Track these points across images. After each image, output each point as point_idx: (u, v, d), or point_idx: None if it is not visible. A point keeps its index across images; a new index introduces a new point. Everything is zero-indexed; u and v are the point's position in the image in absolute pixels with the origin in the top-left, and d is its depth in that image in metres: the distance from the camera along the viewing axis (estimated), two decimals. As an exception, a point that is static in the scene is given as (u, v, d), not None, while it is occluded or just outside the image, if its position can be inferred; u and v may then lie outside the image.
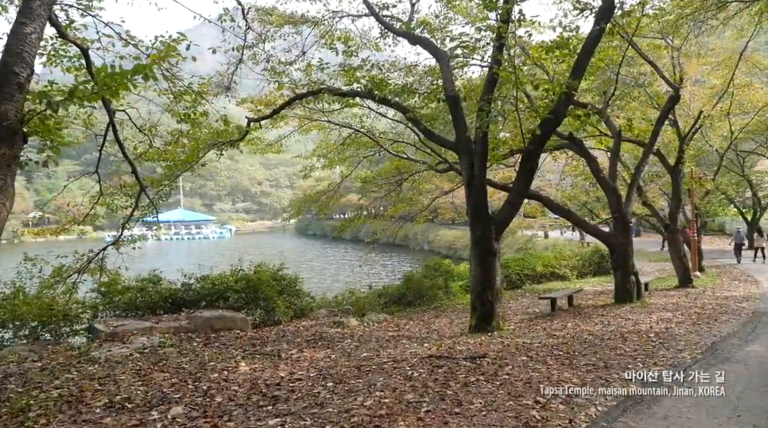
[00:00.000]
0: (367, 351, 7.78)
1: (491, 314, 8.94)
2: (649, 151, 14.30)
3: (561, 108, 8.90)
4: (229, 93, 11.41)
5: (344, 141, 17.14)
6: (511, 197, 9.23)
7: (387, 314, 13.30)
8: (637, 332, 9.24)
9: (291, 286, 11.90)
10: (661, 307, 12.74)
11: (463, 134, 9.32)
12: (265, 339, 8.87)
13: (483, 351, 7.51)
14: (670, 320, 10.72)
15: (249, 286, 10.63)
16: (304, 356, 7.47)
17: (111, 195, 11.29)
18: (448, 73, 9.69)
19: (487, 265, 8.99)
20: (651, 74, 15.13)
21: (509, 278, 19.32)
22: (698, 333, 9.21)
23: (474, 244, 9.14)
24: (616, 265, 13.46)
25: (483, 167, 9.09)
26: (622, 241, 13.28)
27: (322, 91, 9.86)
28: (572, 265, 22.18)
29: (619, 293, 13.34)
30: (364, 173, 20.14)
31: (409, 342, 8.48)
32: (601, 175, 13.38)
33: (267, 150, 16.97)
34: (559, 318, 11.55)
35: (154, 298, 10.06)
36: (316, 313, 11.80)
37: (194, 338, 8.73)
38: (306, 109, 15.94)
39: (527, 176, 9.13)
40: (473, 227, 9.13)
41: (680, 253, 17.00)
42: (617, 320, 10.95)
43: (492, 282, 8.95)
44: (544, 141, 9.23)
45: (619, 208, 13.35)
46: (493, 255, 9.00)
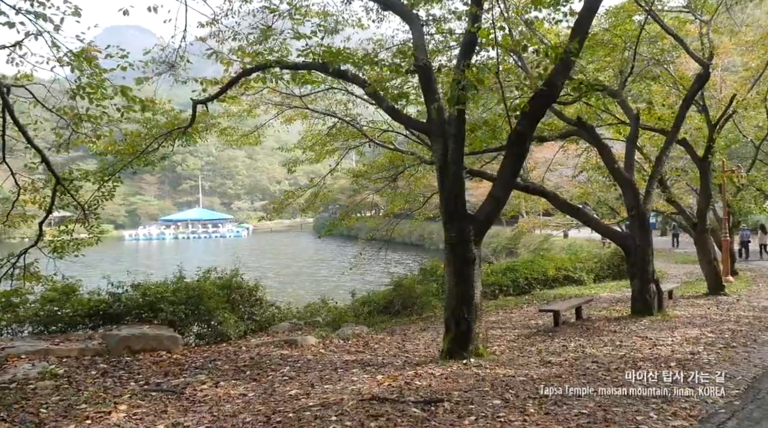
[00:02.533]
0: (299, 386, 6.07)
1: (468, 336, 7.14)
2: (672, 138, 12.30)
3: (558, 78, 7.07)
4: (174, 72, 9.74)
5: (329, 131, 15.48)
6: (494, 189, 7.42)
7: (366, 327, 11.58)
8: (654, 359, 7.35)
9: (249, 295, 10.24)
10: (686, 321, 10.78)
11: (437, 115, 7.56)
12: (187, 365, 7.22)
13: (446, 390, 5.73)
14: (698, 340, 8.78)
15: (190, 297, 9.00)
16: (214, 394, 5.79)
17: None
18: (421, 39, 7.91)
19: (463, 275, 7.19)
20: (675, 50, 13.11)
21: (516, 282, 17.41)
22: (733, 361, 7.29)
23: (448, 249, 7.35)
24: (633, 271, 11.51)
25: (459, 153, 7.30)
26: (640, 243, 11.33)
27: (271, 64, 8.15)
28: (589, 268, 20.16)
29: (637, 304, 11.40)
30: (357, 167, 18.45)
31: (360, 372, 6.74)
32: (616, 166, 11.44)
33: (244, 141, 15.39)
34: (561, 335, 9.68)
35: (69, 312, 8.47)
36: (276, 327, 10.14)
37: (99, 363, 7.12)
38: (282, 95, 14.32)
39: (515, 163, 7.31)
40: (447, 227, 7.35)
41: (710, 256, 14.93)
42: (631, 339, 9.05)
43: (469, 296, 7.15)
44: (536, 119, 7.39)
45: (637, 204, 11.40)
46: (470, 263, 7.19)
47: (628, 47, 12.49)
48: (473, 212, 7.75)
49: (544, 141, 12.78)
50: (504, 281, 17.20)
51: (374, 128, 15.43)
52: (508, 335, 10.23)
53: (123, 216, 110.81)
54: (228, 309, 9.71)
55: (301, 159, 16.54)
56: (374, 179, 17.06)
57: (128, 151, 9.84)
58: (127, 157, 10.10)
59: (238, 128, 15.01)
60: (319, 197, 16.75)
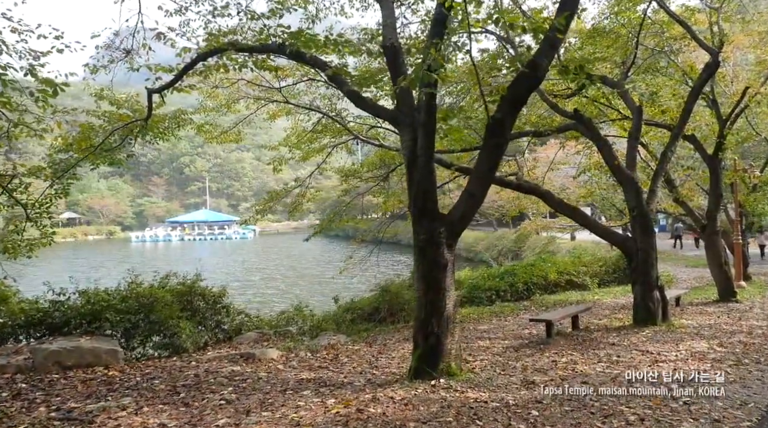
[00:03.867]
0: (233, 414, 5.19)
1: (437, 352, 6.24)
2: (679, 132, 11.34)
3: (542, 58, 6.18)
4: (129, 60, 8.92)
5: (314, 127, 14.62)
6: (470, 185, 6.53)
7: (345, 336, 10.72)
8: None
9: (214, 303, 9.40)
10: (693, 332, 9.81)
11: (405, 101, 6.69)
12: (119, 385, 6.38)
13: (401, 420, 4.85)
14: (704, 355, 7.83)
15: (141, 305, 8.17)
16: (129, 424, 4.93)
17: None
18: (391, 17, 7.05)
19: (433, 282, 6.30)
20: (682, 38, 12.13)
21: (515, 287, 16.44)
22: (745, 382, 6.35)
23: (417, 251, 6.47)
24: (635, 276, 10.56)
25: (429, 143, 6.41)
26: (642, 246, 10.38)
27: (227, 47, 7.32)
28: (593, 272, 19.12)
29: (639, 312, 10.44)
30: (348, 166, 17.55)
31: (312, 395, 5.85)
32: (616, 163, 10.49)
33: (225, 138, 14.56)
34: (553, 348, 8.75)
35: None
36: (241, 338, 9.29)
37: (18, 382, 6.29)
38: (260, 88, 13.49)
39: (492, 155, 6.40)
40: (416, 227, 6.47)
41: (720, 260, 13.91)
42: (630, 353, 8.11)
43: (440, 307, 6.25)
44: (518, 105, 6.48)
45: (639, 204, 10.46)
46: (442, 268, 6.30)
47: (632, 37, 11.58)
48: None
49: (539, 136, 11.86)
50: (501, 286, 16.26)
51: (362, 124, 14.59)
52: (495, 346, 9.32)
53: (130, 218, 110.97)
54: (189, 318, 8.89)
55: (287, 157, 15.68)
56: (365, 178, 16.20)
57: (81, 146, 9.01)
58: (82, 152, 9.29)
59: (219, 124, 14.22)
60: (307, 197, 15.90)
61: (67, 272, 8.21)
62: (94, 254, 60.34)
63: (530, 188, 10.89)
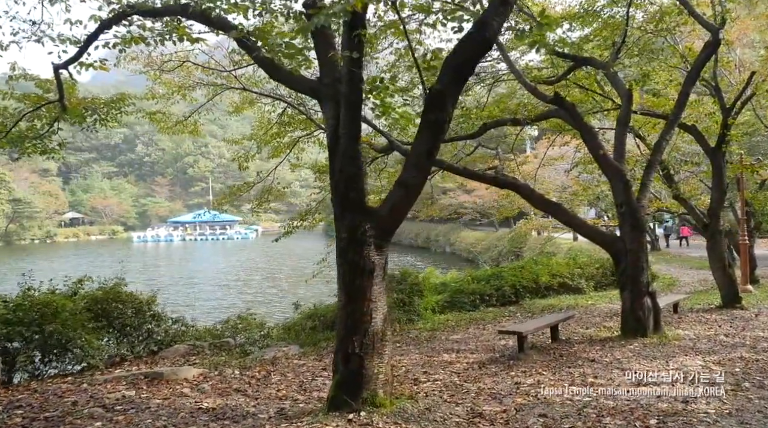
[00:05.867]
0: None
1: (360, 378, 5.03)
2: (675, 118, 10.08)
3: (493, 16, 4.99)
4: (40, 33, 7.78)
5: (279, 118, 13.49)
6: (404, 172, 5.33)
7: (298, 347, 9.58)
8: (628, 410, 5.20)
9: (137, 312, 8.25)
10: (688, 345, 8.56)
11: (328, 69, 5.51)
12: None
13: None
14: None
15: (41, 315, 7.03)
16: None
17: None
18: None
19: (355, 292, 5.11)
20: (679, 14, 10.85)
21: (501, 291, 15.18)
22: (742, 417, 5.11)
23: (337, 253, 5.28)
24: (623, 281, 9.31)
25: (353, 120, 5.21)
26: (631, 246, 9.14)
27: (128, 12, 6.19)
28: (589, 274, 17.81)
29: (628, 322, 9.19)
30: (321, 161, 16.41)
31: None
32: (601, 152, 9.25)
33: (182, 130, 13.42)
34: (523, 366, 7.54)
35: None
36: (166, 352, 8.15)
37: None
38: (220, 76, 12.35)
39: (431, 135, 5.21)
40: (337, 224, 5.29)
41: (723, 262, 12.59)
42: (610, 373, 6.89)
43: (363, 322, 5.06)
44: (463, 74, 5.28)
45: (628, 199, 9.22)
46: (366, 274, 5.10)
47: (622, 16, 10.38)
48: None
49: (518, 125, 10.63)
50: (487, 290, 15.01)
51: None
52: (460, 362, 8.13)
53: (133, 218, 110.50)
54: (107, 330, 7.75)
55: (252, 153, 14.55)
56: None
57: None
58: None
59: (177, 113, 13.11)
60: (273, 193, 14.79)
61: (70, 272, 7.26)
62: (88, 255, 59.53)
63: (506, 183, 9.67)
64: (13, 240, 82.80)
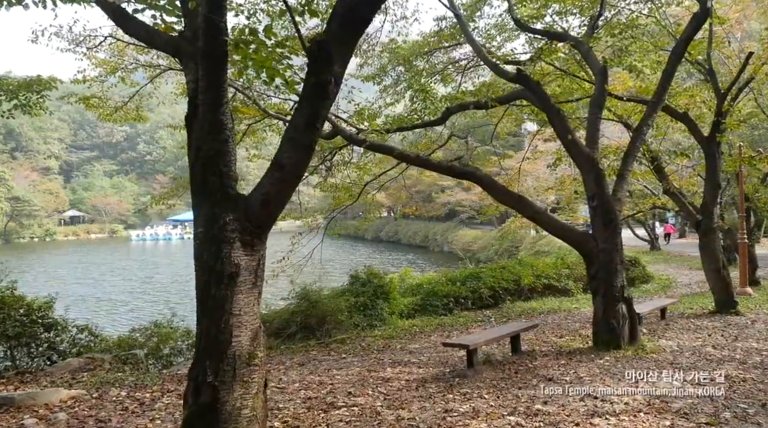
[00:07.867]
0: None
1: (215, 415, 3.89)
2: (658, 100, 8.86)
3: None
4: None
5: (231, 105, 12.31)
6: (280, 150, 4.18)
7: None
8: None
9: (30, 318, 7.14)
10: (667, 360, 7.37)
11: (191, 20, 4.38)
12: None
13: None
14: (669, 404, 5.39)
15: None
16: None
17: None
18: None
19: (212, 303, 3.97)
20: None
21: (478, 293, 13.98)
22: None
23: (194, 254, 4.14)
24: (595, 285, 8.12)
25: (215, 82, 4.06)
26: (604, 245, 7.94)
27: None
28: (577, 275, 16.56)
29: (601, 332, 7.99)
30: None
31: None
32: (569, 138, 8.04)
33: (125, 116, 12.27)
34: (466, 386, 6.37)
35: None
36: (58, 366, 7.02)
37: None
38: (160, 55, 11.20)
39: (314, 101, 4.06)
40: (195, 213, 4.15)
41: (717, 263, 11.35)
42: (566, 397, 5.71)
43: (220, 342, 3.92)
44: (356, 24, 4.12)
45: (601, 192, 8.02)
46: (226, 281, 3.95)
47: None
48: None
49: (481, 108, 9.43)
50: (462, 292, 13.81)
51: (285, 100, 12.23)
52: (399, 378, 6.98)
53: (133, 216, 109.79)
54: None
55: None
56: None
57: None
58: None
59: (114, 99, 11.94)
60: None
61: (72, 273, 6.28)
62: (97, 254, 58.56)
63: (463, 172, 8.48)
64: (12, 238, 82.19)
